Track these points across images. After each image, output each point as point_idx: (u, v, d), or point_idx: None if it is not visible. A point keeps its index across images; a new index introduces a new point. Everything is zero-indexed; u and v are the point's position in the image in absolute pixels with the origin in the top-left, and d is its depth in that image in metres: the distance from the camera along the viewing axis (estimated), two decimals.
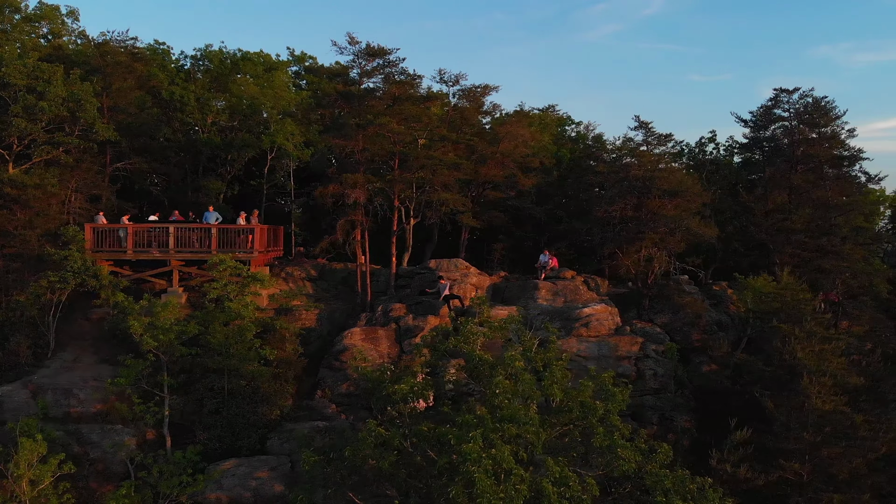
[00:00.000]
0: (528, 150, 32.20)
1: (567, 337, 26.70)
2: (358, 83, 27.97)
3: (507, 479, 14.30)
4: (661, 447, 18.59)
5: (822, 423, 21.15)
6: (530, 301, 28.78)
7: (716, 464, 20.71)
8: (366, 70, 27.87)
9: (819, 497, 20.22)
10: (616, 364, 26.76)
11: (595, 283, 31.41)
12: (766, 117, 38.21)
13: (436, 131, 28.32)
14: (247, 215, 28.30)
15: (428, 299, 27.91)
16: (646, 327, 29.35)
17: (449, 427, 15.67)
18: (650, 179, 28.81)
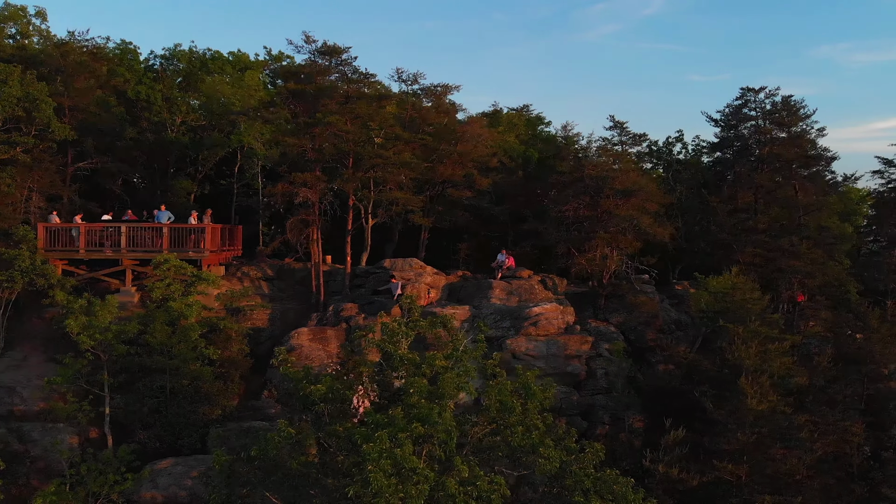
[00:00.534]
0: (487, 150, 32.13)
1: (516, 336, 26.66)
2: (313, 82, 27.93)
3: (409, 479, 14.24)
4: (591, 446, 18.55)
5: (759, 423, 21.05)
6: (483, 300, 28.72)
7: (648, 463, 20.63)
8: (320, 69, 27.86)
9: (753, 499, 20.11)
10: (565, 363, 26.75)
11: (553, 282, 31.33)
12: (735, 116, 38.17)
13: (390, 130, 28.24)
14: (199, 214, 28.30)
15: (380, 299, 27.90)
16: (600, 326, 29.30)
17: (358, 427, 15.63)
18: (603, 179, 28.72)
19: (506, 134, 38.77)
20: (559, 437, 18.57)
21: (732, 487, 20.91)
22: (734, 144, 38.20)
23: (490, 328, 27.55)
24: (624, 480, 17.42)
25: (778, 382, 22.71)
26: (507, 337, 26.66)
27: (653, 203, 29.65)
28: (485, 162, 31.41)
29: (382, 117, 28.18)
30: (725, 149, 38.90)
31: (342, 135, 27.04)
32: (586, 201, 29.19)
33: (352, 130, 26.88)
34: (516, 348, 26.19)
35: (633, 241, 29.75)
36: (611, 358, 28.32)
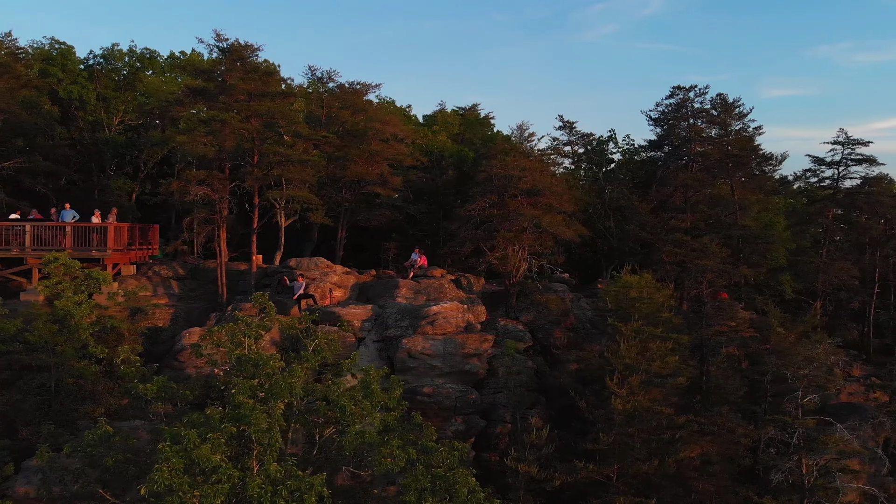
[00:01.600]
0: (405, 149, 32.11)
1: (413, 335, 26.60)
2: (221, 80, 28.01)
3: (209, 478, 14.26)
4: (449, 445, 18.56)
5: (627, 423, 20.94)
6: (389, 300, 28.72)
7: (508, 462, 20.56)
8: (224, 67, 27.93)
9: (613, 500, 19.99)
10: (463, 362, 26.68)
11: (468, 281, 31.32)
12: (673, 115, 37.99)
13: (294, 128, 28.24)
14: (102, 213, 28.42)
15: (282, 299, 27.91)
16: (508, 325, 29.21)
17: (179, 426, 15.66)
18: (509, 179, 28.63)
19: (439, 133, 38.70)
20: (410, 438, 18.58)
21: (603, 488, 20.80)
22: (667, 144, 38.08)
23: (390, 328, 27.71)
24: (464, 479, 17.35)
25: (657, 382, 22.57)
26: (405, 336, 26.62)
27: (563, 203, 29.47)
28: (400, 161, 31.35)
29: (287, 115, 28.15)
30: (659, 148, 38.78)
31: (242, 132, 27.06)
32: (493, 200, 29.07)
33: (248, 128, 26.91)
34: (412, 347, 26.14)
35: (546, 241, 29.66)
36: (515, 356, 28.25)
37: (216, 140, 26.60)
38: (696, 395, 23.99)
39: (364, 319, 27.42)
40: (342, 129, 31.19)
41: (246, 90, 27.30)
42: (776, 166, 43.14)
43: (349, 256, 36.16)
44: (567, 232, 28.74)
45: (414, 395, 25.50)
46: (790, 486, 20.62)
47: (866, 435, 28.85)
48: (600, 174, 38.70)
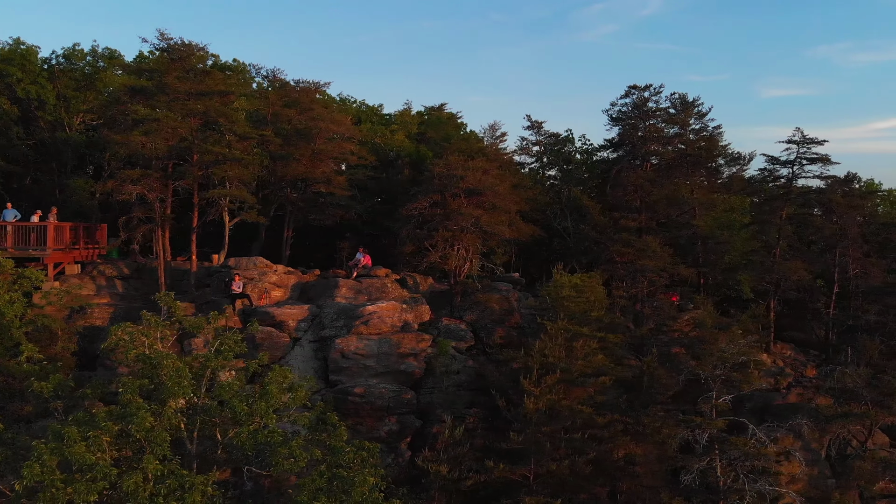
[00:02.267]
0: (353, 147, 32.11)
1: (347, 335, 26.60)
2: (160, 79, 28.06)
3: (84, 475, 14.31)
4: (356, 446, 18.63)
5: (543, 421, 20.90)
6: (329, 299, 28.74)
7: (420, 462, 20.54)
8: (162, 66, 27.99)
9: (522, 500, 19.93)
10: (398, 361, 26.66)
11: (414, 280, 31.30)
12: (632, 114, 37.89)
13: (234, 127, 28.26)
14: (43, 213, 28.52)
15: (219, 298, 27.97)
16: (450, 324, 29.19)
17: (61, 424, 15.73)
18: (450, 178, 28.60)
19: (397, 132, 38.70)
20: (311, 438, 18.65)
21: (518, 488, 20.76)
22: (625, 144, 37.97)
23: (326, 328, 27.73)
24: (362, 479, 17.36)
25: (580, 381, 22.51)
26: (340, 336, 26.61)
27: (507, 203, 29.44)
28: (345, 160, 31.36)
29: (225, 114, 28.17)
30: (619, 148, 38.67)
31: (180, 132, 27.12)
32: (436, 200, 29.05)
33: (186, 127, 26.96)
34: (345, 347, 26.11)
35: (490, 241, 29.65)
36: (456, 355, 28.26)
37: (152, 139, 26.62)
38: (632, 393, 23.88)
39: (300, 319, 27.43)
40: (289, 128, 31.17)
41: (182, 89, 27.32)
42: (745, 165, 43.09)
43: (307, 256, 36.22)
44: (507, 231, 28.69)
45: (346, 395, 25.59)
46: (706, 487, 20.51)
47: (810, 437, 28.76)
48: (557, 174, 38.59)
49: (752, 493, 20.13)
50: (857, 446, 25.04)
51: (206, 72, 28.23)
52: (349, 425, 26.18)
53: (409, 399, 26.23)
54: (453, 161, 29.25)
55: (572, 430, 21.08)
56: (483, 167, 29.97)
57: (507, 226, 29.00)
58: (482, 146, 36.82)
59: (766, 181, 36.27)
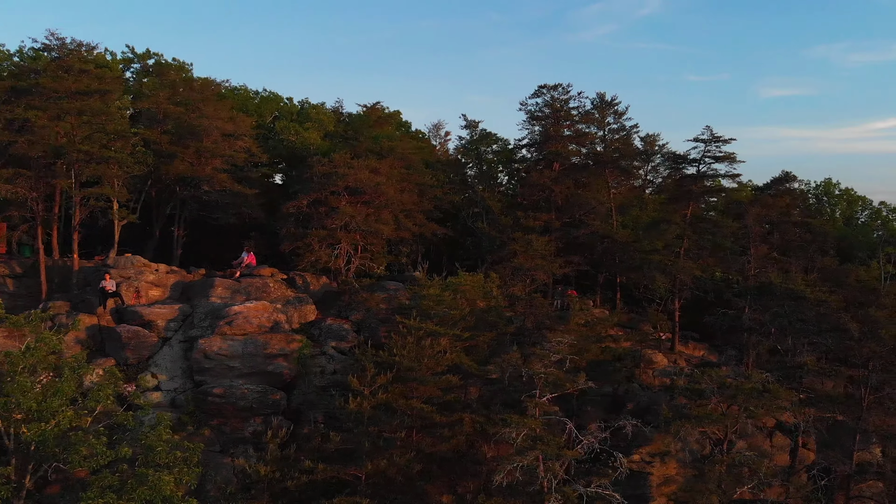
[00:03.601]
0: (246, 145, 31.95)
1: (212, 335, 26.41)
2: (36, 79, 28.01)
3: None
4: (173, 446, 18.54)
5: (371, 421, 20.68)
6: (203, 299, 28.55)
7: (238, 461, 20.32)
8: (43, 66, 27.92)
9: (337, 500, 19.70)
10: (265, 362, 26.43)
11: (303, 280, 31.09)
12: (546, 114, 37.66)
13: (108, 127, 28.15)
14: None
15: (94, 297, 27.86)
16: (333, 324, 29.00)
17: None
18: (328, 177, 28.41)
19: (310, 131, 38.54)
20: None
21: (342, 487, 20.53)
22: (534, 144, 37.74)
23: (195, 327, 27.58)
24: (156, 478, 17.20)
25: (427, 379, 22.26)
26: (205, 336, 26.44)
27: (392, 202, 29.25)
28: (231, 158, 31.20)
29: (104, 113, 28.06)
30: (527, 148, 38.47)
31: (57, 131, 27.05)
32: (318, 198, 28.86)
33: (62, 126, 26.88)
34: (208, 348, 25.90)
35: (374, 239, 29.48)
36: (335, 356, 28.07)
37: (26, 138, 26.56)
38: (497, 392, 23.61)
39: (170, 319, 27.27)
40: (175, 127, 31.04)
41: (56, 88, 27.25)
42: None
43: (215, 256, 36.05)
44: (388, 230, 28.49)
45: (206, 395, 25.42)
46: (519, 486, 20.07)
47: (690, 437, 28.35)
48: (469, 173, 38.35)
49: (581, 493, 19.73)
50: (718, 449, 24.56)
51: (82, 71, 28.07)
52: (214, 426, 26.24)
53: (277, 400, 26.00)
54: (337, 159, 29.04)
55: (410, 430, 20.83)
56: (372, 166, 29.76)
57: (396, 225, 28.78)
58: (393, 145, 36.57)
59: (673, 179, 35.98)
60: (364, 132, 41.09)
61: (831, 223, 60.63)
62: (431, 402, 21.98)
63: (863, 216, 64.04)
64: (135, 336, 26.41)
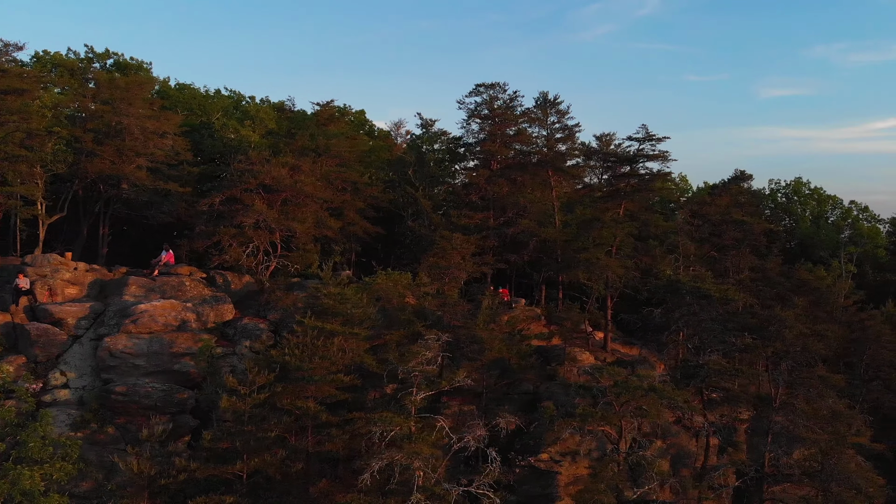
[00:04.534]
0: (170, 143, 31.88)
1: (117, 333, 26.33)
2: None
3: None
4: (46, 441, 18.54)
5: (250, 420, 20.55)
6: (117, 297, 28.47)
7: (115, 458, 20.25)
8: None
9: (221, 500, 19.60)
10: (172, 361, 26.34)
11: (224, 279, 30.97)
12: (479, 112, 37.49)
13: (24, 125, 28.11)
14: None
15: (5, 295, 27.81)
16: (249, 323, 28.92)
17: None
18: (242, 174, 28.30)
19: (247, 129, 38.48)
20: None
21: (221, 486, 20.43)
22: (470, 143, 37.58)
23: (105, 325, 27.51)
24: (16, 472, 17.18)
25: (316, 379, 22.11)
26: (111, 334, 26.37)
27: (308, 200, 29.13)
28: (153, 156, 31.13)
29: (19, 111, 28.03)
30: (466, 147, 38.27)
31: None
32: (231, 195, 28.74)
33: None
34: (112, 346, 25.83)
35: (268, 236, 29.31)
36: (245, 355, 27.94)
37: None
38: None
39: (81, 317, 27.20)
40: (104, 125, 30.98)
41: None
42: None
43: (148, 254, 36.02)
44: (301, 228, 28.32)
45: (109, 393, 25.34)
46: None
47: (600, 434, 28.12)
48: (410, 172, 38.21)
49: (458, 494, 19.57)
50: (612, 448, 24.35)
51: (1, 71, 28.08)
52: (121, 424, 26.19)
53: (184, 399, 25.91)
54: (253, 156, 28.92)
55: (302, 429, 20.74)
56: (291, 164, 29.63)
57: (317, 223, 28.63)
58: (330, 143, 36.43)
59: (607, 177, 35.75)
60: (311, 130, 41.04)
61: (803, 222, 60.50)
62: (326, 402, 21.91)
63: (833, 215, 63.77)
64: (44, 334, 26.36)
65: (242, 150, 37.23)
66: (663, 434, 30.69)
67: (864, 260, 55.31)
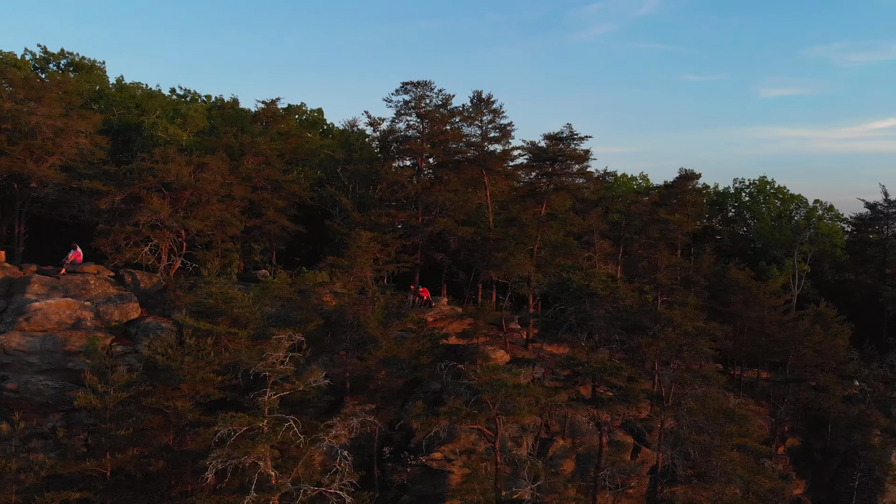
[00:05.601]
0: (85, 142, 31.88)
1: (10, 331, 26.33)
2: None
3: None
4: None
5: (113, 419, 20.56)
6: (18, 295, 28.45)
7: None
8: None
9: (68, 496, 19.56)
10: (66, 359, 26.34)
11: (133, 277, 30.92)
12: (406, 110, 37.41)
13: None
14: None
15: None
16: (152, 322, 28.86)
17: None
18: (140, 171, 28.26)
19: (177, 128, 38.51)
20: None
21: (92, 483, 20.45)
22: (396, 141, 37.48)
23: (2, 323, 27.50)
24: None
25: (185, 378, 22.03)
26: (6, 332, 26.37)
27: (211, 197, 29.08)
28: (64, 155, 31.13)
29: None
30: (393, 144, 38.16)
31: None
32: (132, 193, 28.72)
33: None
34: (6, 343, 25.85)
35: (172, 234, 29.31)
36: (101, 354, 27.85)
37: None
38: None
39: None
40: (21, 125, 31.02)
41: None
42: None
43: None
44: (198, 226, 28.28)
45: (1, 391, 25.36)
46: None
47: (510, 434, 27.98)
48: (339, 170, 38.16)
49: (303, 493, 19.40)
50: (488, 447, 24.18)
51: None
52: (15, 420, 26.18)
53: (74, 397, 25.88)
54: (157, 154, 28.91)
55: (160, 428, 20.71)
56: (197, 162, 29.57)
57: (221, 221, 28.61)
58: (256, 141, 36.39)
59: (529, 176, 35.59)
60: (248, 128, 41.08)
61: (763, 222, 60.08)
62: (203, 402, 21.88)
63: (798, 214, 63.39)
64: None
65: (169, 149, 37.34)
66: (572, 433, 30.58)
67: (824, 259, 54.88)
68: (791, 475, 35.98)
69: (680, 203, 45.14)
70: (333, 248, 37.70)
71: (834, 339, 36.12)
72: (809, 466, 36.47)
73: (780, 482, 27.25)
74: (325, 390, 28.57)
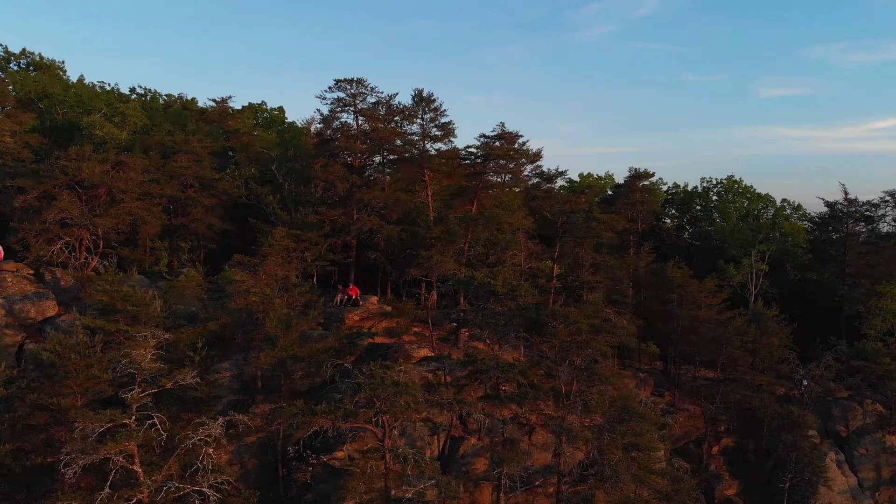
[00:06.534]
0: (9, 141, 31.97)
1: None
2: None
3: None
4: None
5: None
6: None
7: None
8: None
9: None
10: None
11: (53, 276, 30.97)
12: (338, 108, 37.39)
13: None
14: None
15: None
16: (67, 320, 28.78)
17: None
18: (53, 170, 28.30)
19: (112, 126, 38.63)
20: None
21: None
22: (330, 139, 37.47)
23: None
24: None
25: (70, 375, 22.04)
26: None
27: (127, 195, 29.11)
28: None
29: None
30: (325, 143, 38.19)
31: None
32: (46, 191, 28.76)
33: None
34: None
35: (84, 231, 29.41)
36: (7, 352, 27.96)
37: None
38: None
39: None
40: None
41: None
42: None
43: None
44: (107, 224, 28.31)
45: None
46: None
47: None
48: (273, 168, 38.15)
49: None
50: (379, 445, 24.04)
51: None
52: None
53: None
54: (72, 153, 28.93)
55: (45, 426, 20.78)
56: (112, 160, 29.59)
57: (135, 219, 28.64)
58: (189, 139, 36.44)
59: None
60: (189, 127, 41.16)
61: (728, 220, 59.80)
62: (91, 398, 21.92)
63: (766, 214, 63.14)
64: None
65: (106, 148, 37.42)
66: (490, 431, 30.42)
67: (786, 259, 54.55)
68: (723, 475, 35.78)
69: (629, 202, 45.15)
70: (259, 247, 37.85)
71: (769, 339, 35.90)
72: (744, 467, 36.21)
73: (689, 482, 27.01)
74: (233, 389, 28.77)
